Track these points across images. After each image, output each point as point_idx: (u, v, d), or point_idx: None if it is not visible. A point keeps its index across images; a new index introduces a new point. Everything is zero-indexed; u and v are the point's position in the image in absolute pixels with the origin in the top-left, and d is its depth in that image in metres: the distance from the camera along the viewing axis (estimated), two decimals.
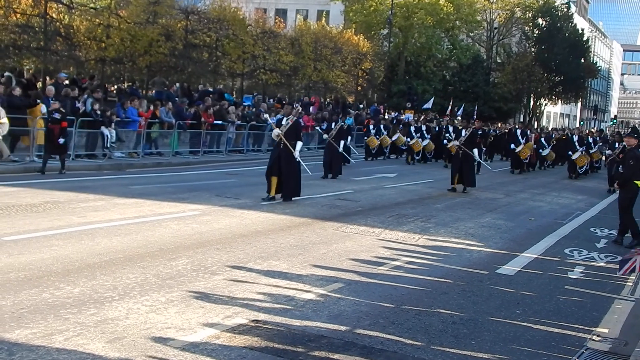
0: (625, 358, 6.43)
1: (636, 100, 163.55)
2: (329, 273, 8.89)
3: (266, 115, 17.65)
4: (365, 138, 31.43)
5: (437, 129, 32.18)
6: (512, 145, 28.19)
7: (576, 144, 26.96)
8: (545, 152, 30.41)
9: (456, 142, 19.76)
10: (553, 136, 33.51)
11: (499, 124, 40.63)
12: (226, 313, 6.91)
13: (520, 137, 27.90)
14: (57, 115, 17.42)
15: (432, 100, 39.50)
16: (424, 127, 31.09)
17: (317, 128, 28.62)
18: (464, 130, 20.11)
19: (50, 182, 15.87)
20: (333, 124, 22.55)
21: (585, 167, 27.77)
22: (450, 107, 34.30)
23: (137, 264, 8.63)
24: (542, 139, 30.82)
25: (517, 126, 32.97)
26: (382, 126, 32.14)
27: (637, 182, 12.60)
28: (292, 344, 6.23)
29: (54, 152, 17.68)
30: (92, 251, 9.12)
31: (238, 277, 8.34)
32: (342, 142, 21.97)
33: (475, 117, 27.33)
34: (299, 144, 15.32)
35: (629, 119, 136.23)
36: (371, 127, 31.55)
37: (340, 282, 8.46)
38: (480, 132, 26.57)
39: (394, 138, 31.19)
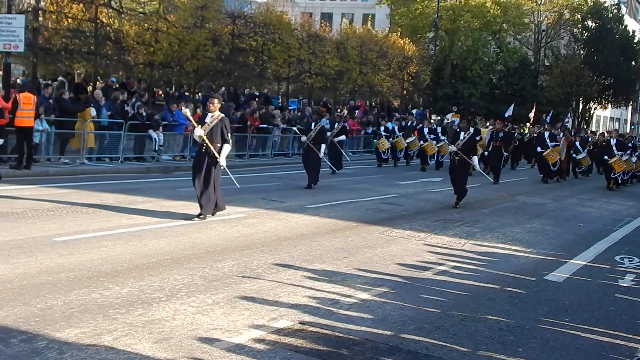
0: None
1: None
2: (374, 277, 8.87)
3: (186, 111, 14.74)
4: (375, 141, 29.34)
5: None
6: (539, 149, 25.94)
7: (614, 147, 24.47)
8: (580, 156, 27.97)
9: (453, 147, 16.48)
10: (590, 139, 30.68)
11: (529, 126, 37.60)
12: (271, 315, 6.94)
13: (548, 140, 25.63)
14: None
15: (512, 107, 36.65)
16: (439, 129, 28.99)
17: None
18: (462, 133, 16.69)
19: (100, 184, 16.14)
20: (312, 124, 19.50)
21: (622, 174, 24.70)
22: (533, 114, 33.06)
23: (184, 265, 8.72)
24: (577, 143, 28.37)
25: (546, 128, 29.31)
26: (396, 128, 29.47)
27: None
28: (336, 347, 6.22)
29: None
30: (140, 252, 9.25)
31: (283, 279, 8.37)
32: (323, 146, 18.68)
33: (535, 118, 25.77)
34: (227, 148, 12.34)
35: None
36: (382, 128, 29.26)
37: (385, 286, 8.43)
38: (501, 135, 25.29)
39: (408, 141, 28.89)
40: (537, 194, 20.94)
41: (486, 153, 24.58)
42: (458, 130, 17.28)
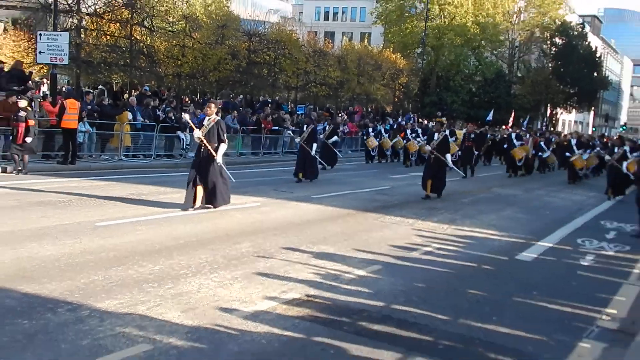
0: (631, 335, 6.28)
1: None
2: (369, 256, 8.87)
3: (186, 116, 14.02)
4: (365, 139, 28.51)
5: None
6: (507, 147, 25.73)
7: (574, 147, 24.13)
8: (545, 155, 27.39)
9: (428, 147, 16.06)
10: (553, 140, 30.12)
11: (504, 127, 36.83)
12: (282, 289, 6.96)
13: (515, 141, 25.41)
14: (22, 114, 15.45)
15: (492, 112, 36.12)
16: (419, 130, 27.58)
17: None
18: (435, 134, 16.23)
19: (136, 177, 16.16)
20: (305, 127, 19.29)
21: (584, 170, 24.65)
22: (512, 119, 32.73)
23: (208, 246, 8.74)
24: (542, 143, 27.83)
25: (512, 130, 29.21)
26: (382, 129, 29.11)
27: None
28: (338, 315, 6.24)
29: (19, 151, 15.48)
30: (170, 235, 9.27)
31: (292, 258, 8.39)
32: (314, 145, 18.41)
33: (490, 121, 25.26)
34: (223, 147, 11.84)
35: (637, 126, 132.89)
36: (370, 129, 28.57)
37: (379, 265, 8.44)
38: (473, 136, 24.99)
39: (393, 141, 28.39)
40: (510, 186, 20.89)
41: (459, 152, 24.35)
42: (433, 131, 16.78)
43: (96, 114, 19.68)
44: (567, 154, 24.32)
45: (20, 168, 15.47)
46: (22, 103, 15.59)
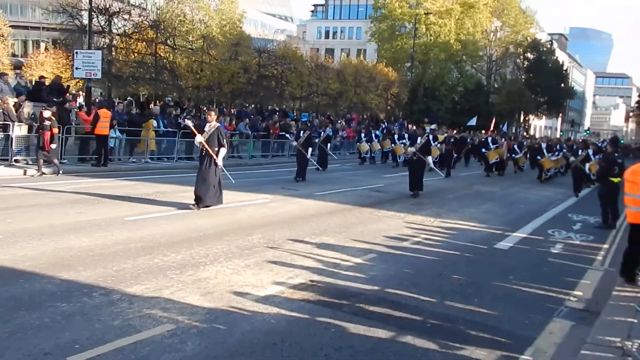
0: (596, 314, 6.26)
1: (605, 115, 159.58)
2: (365, 246, 8.87)
3: (188, 122, 13.43)
4: (358, 144, 28.05)
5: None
6: (484, 150, 25.56)
7: (544, 150, 23.98)
8: (518, 156, 27.09)
9: (412, 149, 15.71)
10: (525, 143, 30.43)
11: (482, 132, 35.36)
12: (289, 275, 6.95)
13: (491, 144, 25.09)
14: (47, 123, 15.11)
15: (475, 119, 35.68)
16: (406, 135, 26.94)
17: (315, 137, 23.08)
18: (419, 138, 15.91)
19: (160, 178, 16.15)
20: (301, 132, 18.84)
21: (552, 170, 24.27)
22: (493, 124, 32.61)
23: (223, 238, 8.74)
24: (515, 146, 27.74)
25: (489, 135, 28.52)
26: (373, 134, 28.69)
27: (612, 179, 12.22)
28: (338, 298, 6.24)
29: (46, 156, 15.22)
30: (190, 228, 9.27)
31: (298, 248, 8.38)
32: (309, 149, 18.05)
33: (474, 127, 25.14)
34: (223, 151, 11.34)
35: (599, 130, 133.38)
36: (362, 134, 28.05)
37: (374, 253, 8.43)
38: (452, 140, 24.77)
39: (382, 144, 28.02)
40: (489, 184, 20.86)
41: (440, 154, 24.13)
42: (417, 135, 16.49)
43: (125, 122, 19.67)
44: (538, 157, 24.20)
45: (43, 172, 15.05)
46: (47, 113, 15.32)
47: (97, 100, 24.46)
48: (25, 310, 5.25)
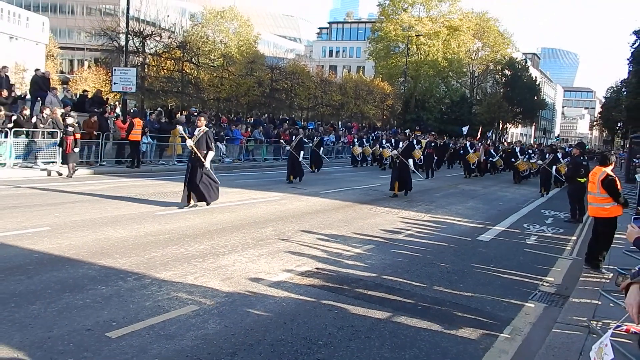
0: (565, 298, 6.22)
1: (572, 124, 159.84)
2: (364, 238, 8.84)
3: (179, 128, 13.09)
4: (351, 147, 27.37)
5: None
6: (462, 152, 25.33)
7: (518, 153, 23.37)
8: (494, 159, 26.81)
9: (395, 152, 15.07)
10: (500, 147, 30.12)
11: (461, 139, 34.70)
12: (297, 263, 6.93)
13: (469, 148, 24.70)
14: (70, 129, 14.61)
15: (467, 127, 34.79)
16: (392, 140, 25.58)
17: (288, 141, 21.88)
18: (401, 142, 15.20)
19: None
20: (294, 137, 18.24)
21: (526, 172, 23.90)
22: (480, 132, 32.51)
23: (240, 230, 8.72)
24: (492, 150, 27.40)
25: (469, 140, 27.85)
26: (364, 139, 28.11)
27: (579, 179, 12.15)
28: (340, 283, 6.21)
29: (65, 159, 14.76)
30: (211, 222, 9.26)
31: (305, 240, 8.36)
32: (302, 152, 17.35)
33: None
34: (211, 154, 10.71)
35: (568, 137, 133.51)
36: (355, 139, 27.57)
37: (372, 244, 8.40)
38: (433, 145, 24.23)
39: (373, 148, 27.42)
40: (472, 184, 20.78)
41: (422, 157, 23.88)
42: (400, 140, 15.81)
43: (156, 130, 19.70)
44: (513, 159, 23.95)
45: (69, 173, 14.57)
46: (70, 120, 14.71)
47: (131, 110, 24.55)
48: (70, 292, 5.25)
